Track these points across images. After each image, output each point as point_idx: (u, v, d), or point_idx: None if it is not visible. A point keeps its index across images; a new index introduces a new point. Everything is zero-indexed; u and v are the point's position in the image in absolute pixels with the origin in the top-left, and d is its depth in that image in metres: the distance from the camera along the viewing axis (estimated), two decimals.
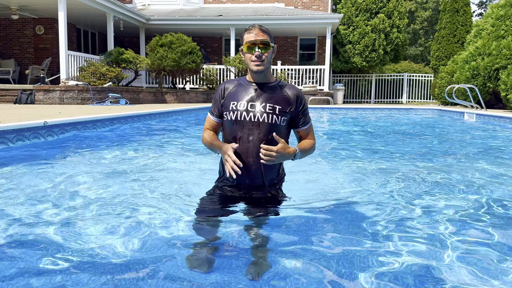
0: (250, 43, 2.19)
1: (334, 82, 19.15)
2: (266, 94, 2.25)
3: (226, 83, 2.36)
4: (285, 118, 2.25)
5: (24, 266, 1.74)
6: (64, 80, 12.13)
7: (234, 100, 2.26)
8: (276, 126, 2.22)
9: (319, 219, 2.41)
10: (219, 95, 2.35)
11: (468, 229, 2.27)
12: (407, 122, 10.34)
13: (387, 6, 17.53)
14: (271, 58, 2.25)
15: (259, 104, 2.23)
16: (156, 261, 1.82)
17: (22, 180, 3.26)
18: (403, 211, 2.60)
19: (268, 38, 2.22)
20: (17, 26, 15.72)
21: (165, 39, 14.52)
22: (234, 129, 2.25)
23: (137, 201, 2.76)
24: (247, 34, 2.22)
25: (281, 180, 2.47)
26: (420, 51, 34.37)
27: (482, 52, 12.39)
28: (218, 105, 2.35)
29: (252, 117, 2.21)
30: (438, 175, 3.75)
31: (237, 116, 2.22)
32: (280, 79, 2.41)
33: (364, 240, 2.07)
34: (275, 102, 2.23)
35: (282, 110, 2.23)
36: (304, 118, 2.34)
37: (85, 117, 6.28)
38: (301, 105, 2.31)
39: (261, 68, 2.19)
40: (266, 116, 2.21)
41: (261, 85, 2.27)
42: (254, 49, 2.18)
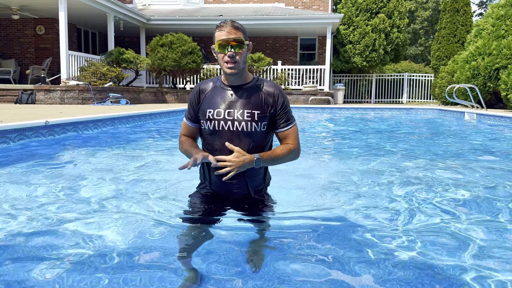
0: (222, 42, 1.98)
1: (334, 82, 19.15)
2: (243, 99, 2.06)
3: (201, 85, 2.17)
4: (265, 123, 2.08)
5: (17, 265, 1.75)
6: (64, 80, 12.15)
7: (210, 107, 2.08)
8: (256, 133, 2.07)
9: (313, 225, 2.33)
10: (194, 98, 2.16)
11: (469, 230, 2.27)
12: (408, 122, 10.35)
13: (387, 6, 17.54)
14: (246, 58, 2.05)
15: (236, 111, 2.05)
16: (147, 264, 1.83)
17: (22, 180, 3.27)
18: (403, 211, 2.61)
19: (242, 35, 2.01)
20: (18, 26, 15.73)
21: (166, 39, 14.53)
22: (213, 139, 2.10)
23: (134, 202, 2.76)
24: (218, 32, 2.01)
25: (267, 185, 2.34)
26: (420, 51, 34.37)
27: (482, 52, 12.39)
28: (194, 109, 2.17)
29: (231, 126, 2.04)
30: (438, 175, 3.75)
31: (215, 125, 2.06)
32: (259, 77, 2.23)
33: (361, 244, 2.03)
34: (253, 107, 2.05)
35: (261, 115, 2.06)
36: (284, 118, 2.13)
37: (86, 117, 6.30)
38: (281, 104, 2.11)
39: (235, 70, 2.00)
40: (245, 124, 2.03)
41: (237, 88, 2.09)
42: (227, 48, 1.98)
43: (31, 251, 1.89)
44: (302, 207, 2.63)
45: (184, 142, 2.19)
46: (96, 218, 2.36)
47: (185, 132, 2.24)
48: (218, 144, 2.08)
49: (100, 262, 1.78)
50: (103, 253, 1.87)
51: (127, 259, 1.83)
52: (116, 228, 2.21)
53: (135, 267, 1.75)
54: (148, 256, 1.87)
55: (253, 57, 14.89)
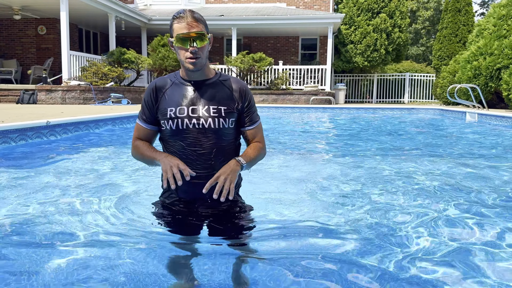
0: (183, 36, 1.79)
1: (335, 82, 19.14)
2: (207, 94, 1.90)
3: (157, 82, 1.96)
4: (233, 119, 1.94)
5: (17, 265, 1.75)
6: (66, 80, 12.16)
7: (171, 105, 1.89)
8: (224, 130, 1.91)
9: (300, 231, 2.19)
10: (150, 97, 1.94)
11: (473, 230, 2.27)
12: (409, 122, 10.33)
13: (388, 6, 17.52)
14: (208, 52, 1.89)
15: (201, 107, 1.88)
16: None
17: (24, 179, 3.27)
18: (403, 212, 2.60)
19: (203, 27, 1.83)
20: (19, 26, 15.76)
21: (167, 39, 14.52)
22: (175, 140, 1.91)
23: (132, 205, 2.76)
24: (177, 24, 1.81)
25: (239, 186, 2.15)
26: (422, 50, 34.33)
27: (484, 52, 12.37)
28: (151, 110, 1.95)
29: (196, 124, 1.87)
30: (440, 175, 3.75)
31: (178, 124, 1.87)
32: (222, 72, 2.06)
33: (354, 250, 1.95)
34: (219, 103, 1.90)
35: (228, 111, 1.91)
36: (250, 116, 2.00)
37: (87, 117, 6.30)
38: (247, 101, 1.98)
39: (197, 66, 1.84)
40: (212, 120, 1.88)
41: (199, 84, 1.92)
42: (188, 43, 1.79)
43: (29, 250, 1.89)
44: (290, 213, 2.50)
45: (141, 146, 1.97)
46: (89, 219, 2.36)
47: (140, 136, 2.01)
48: (182, 145, 1.90)
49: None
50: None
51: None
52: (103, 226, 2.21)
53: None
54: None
55: (255, 57, 14.88)
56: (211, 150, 1.89)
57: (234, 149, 2.02)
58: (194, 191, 1.92)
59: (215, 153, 1.90)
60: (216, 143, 1.90)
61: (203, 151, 1.89)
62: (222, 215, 2.01)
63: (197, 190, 1.88)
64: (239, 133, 2.04)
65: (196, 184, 1.88)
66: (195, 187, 1.89)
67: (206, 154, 1.89)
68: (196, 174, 1.85)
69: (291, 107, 13.17)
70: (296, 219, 2.40)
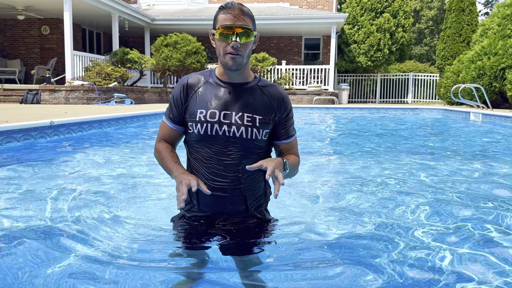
0: (226, 28, 1.61)
1: (339, 81, 19.10)
2: (243, 100, 1.70)
3: (189, 79, 1.76)
4: (267, 131, 1.74)
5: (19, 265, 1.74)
6: (69, 80, 12.18)
7: (202, 107, 1.70)
8: (256, 142, 1.72)
9: (322, 244, 2.01)
10: (180, 95, 1.75)
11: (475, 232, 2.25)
12: (413, 122, 10.30)
13: (392, 6, 17.48)
14: (250, 51, 1.70)
15: (234, 114, 1.69)
16: None
17: (27, 179, 3.27)
18: (411, 214, 2.58)
19: (251, 22, 1.65)
20: (23, 26, 15.80)
21: (170, 39, 14.54)
22: (202, 146, 1.73)
23: (130, 210, 2.76)
24: (222, 15, 1.63)
25: (267, 200, 1.94)
26: (425, 50, 34.24)
27: (488, 52, 12.32)
28: (179, 108, 1.76)
29: (227, 131, 1.68)
30: (445, 176, 3.73)
31: (207, 129, 1.68)
32: (261, 77, 1.90)
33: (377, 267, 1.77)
34: (254, 111, 1.70)
35: (263, 121, 1.71)
36: (287, 128, 1.80)
37: (91, 117, 6.31)
38: (286, 112, 1.78)
39: (237, 63, 1.64)
40: (245, 129, 1.68)
41: (236, 87, 1.72)
42: (230, 37, 1.61)
43: (31, 250, 1.89)
44: (312, 225, 2.27)
45: (163, 152, 1.79)
46: (85, 223, 2.36)
47: (164, 136, 1.83)
48: (208, 152, 1.71)
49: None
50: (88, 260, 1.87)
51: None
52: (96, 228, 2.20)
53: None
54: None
55: (257, 57, 14.88)
56: (240, 162, 1.71)
57: None
58: (217, 205, 1.75)
59: (243, 164, 1.70)
60: (246, 154, 1.71)
61: (230, 162, 1.70)
62: (247, 233, 1.81)
63: (220, 204, 1.73)
64: (271, 146, 1.84)
65: (220, 197, 1.73)
66: (219, 200, 1.73)
67: (233, 165, 1.70)
68: (221, 186, 1.71)
69: (294, 107, 13.12)
70: (304, 221, 2.38)
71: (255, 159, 1.73)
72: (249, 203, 1.79)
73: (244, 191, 1.74)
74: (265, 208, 1.93)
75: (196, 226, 1.82)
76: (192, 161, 1.78)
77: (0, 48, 15.75)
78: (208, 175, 1.71)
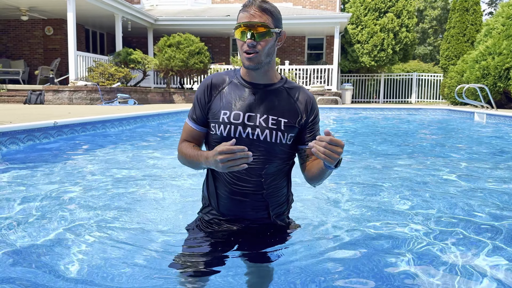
0: (242, 27, 1.56)
1: (342, 82, 19.07)
2: (268, 102, 1.65)
3: (214, 78, 1.71)
4: (292, 135, 1.67)
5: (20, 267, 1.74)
6: (73, 81, 12.20)
7: (225, 107, 1.64)
8: (281, 146, 1.65)
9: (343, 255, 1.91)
10: (204, 94, 1.70)
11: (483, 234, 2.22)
12: (416, 123, 10.26)
13: (396, 5, 17.43)
14: (272, 49, 1.61)
15: (259, 116, 1.63)
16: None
17: (31, 180, 3.27)
18: (417, 217, 2.56)
19: (270, 19, 1.58)
20: (27, 27, 15.84)
21: (173, 40, 14.55)
22: None
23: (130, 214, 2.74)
24: (241, 13, 1.60)
25: (290, 207, 1.87)
26: (429, 50, 34.14)
27: (492, 52, 12.26)
28: (202, 109, 1.71)
29: (250, 134, 1.62)
30: (450, 176, 3.70)
31: (230, 131, 1.62)
32: (288, 78, 1.87)
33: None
34: (280, 113, 1.64)
35: (288, 124, 1.65)
36: (314, 133, 1.72)
37: (94, 118, 6.31)
38: (313, 115, 1.71)
39: (254, 62, 1.57)
40: (269, 132, 1.62)
41: (262, 88, 1.66)
42: (245, 35, 1.56)
43: (33, 250, 1.88)
44: (320, 235, 2.17)
45: (185, 149, 1.70)
46: (89, 224, 2.35)
47: (188, 137, 1.76)
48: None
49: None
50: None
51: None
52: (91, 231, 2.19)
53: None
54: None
55: None
56: (263, 166, 1.63)
57: (288, 169, 1.76)
58: (238, 209, 1.67)
59: (266, 169, 1.64)
60: (269, 159, 1.64)
61: (253, 166, 1.62)
62: (268, 241, 1.74)
63: (241, 208, 1.66)
64: (295, 151, 1.74)
65: (241, 202, 1.66)
66: (240, 204, 1.66)
67: (256, 170, 1.63)
68: (243, 190, 1.64)
69: None
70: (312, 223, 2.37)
71: (278, 164, 1.67)
72: (271, 209, 1.71)
73: (267, 197, 1.67)
74: (287, 215, 1.85)
75: (215, 230, 1.75)
76: None
77: (4, 48, 15.80)
78: (230, 178, 1.64)
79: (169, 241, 2.04)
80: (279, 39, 1.65)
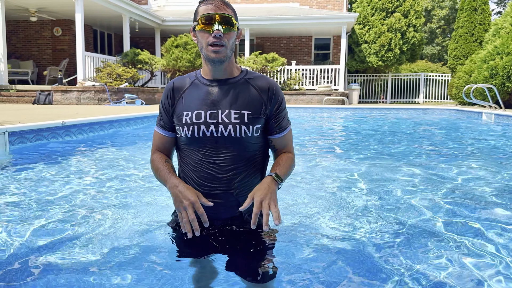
0: (207, 18, 1.52)
1: (349, 82, 19.01)
2: (230, 96, 1.59)
3: (176, 82, 1.68)
4: (258, 126, 1.60)
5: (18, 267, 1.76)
6: (81, 81, 12.30)
7: (187, 108, 1.60)
8: (248, 140, 1.59)
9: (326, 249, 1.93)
10: (167, 99, 1.67)
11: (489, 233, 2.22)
12: (425, 123, 10.20)
13: (403, 5, 17.35)
14: (234, 44, 1.59)
15: (221, 112, 1.57)
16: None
17: (39, 179, 3.30)
18: (423, 217, 2.56)
19: (233, 13, 1.57)
20: (36, 28, 15.99)
21: (180, 40, 14.61)
22: (191, 149, 1.61)
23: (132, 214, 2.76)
24: (203, 6, 1.55)
25: None
26: (437, 50, 33.93)
27: (500, 51, 12.16)
28: (168, 113, 1.67)
29: (214, 132, 1.57)
30: (458, 177, 3.69)
31: (194, 132, 1.57)
32: (248, 69, 1.73)
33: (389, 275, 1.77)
34: (242, 106, 1.59)
35: (252, 116, 1.58)
36: (280, 121, 1.66)
37: (102, 118, 6.35)
38: (277, 103, 1.64)
39: (221, 55, 1.54)
40: (233, 128, 1.56)
41: (222, 83, 1.61)
42: (213, 27, 1.51)
43: (35, 251, 1.90)
44: (316, 231, 2.20)
45: (157, 163, 1.65)
46: (98, 223, 2.37)
47: (158, 146, 1.70)
48: (198, 156, 1.60)
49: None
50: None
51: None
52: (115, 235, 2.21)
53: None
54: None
55: (267, 57, 14.87)
56: (232, 163, 1.58)
57: (260, 163, 1.68)
58: (211, 211, 1.58)
59: (236, 167, 1.58)
60: (239, 155, 1.58)
61: (222, 164, 1.57)
62: (243, 242, 1.66)
63: (212, 209, 1.57)
64: (266, 143, 1.71)
65: (215, 204, 1.58)
66: (214, 207, 1.57)
67: (225, 168, 1.57)
68: (214, 192, 1.59)
69: (303, 108, 13.11)
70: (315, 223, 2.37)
71: (249, 159, 1.60)
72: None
73: (238, 196, 1.59)
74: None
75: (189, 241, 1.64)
76: (183, 166, 1.66)
77: (13, 49, 15.95)
78: (198, 179, 1.59)
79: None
80: (237, 36, 1.61)
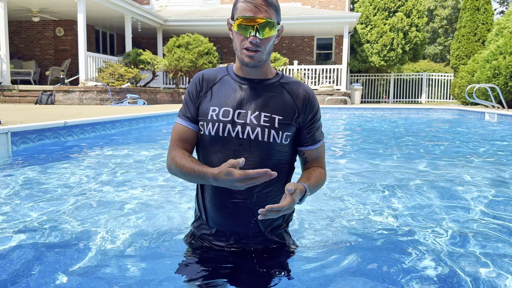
0: (245, 20, 1.38)
1: (351, 81, 18.99)
2: (261, 98, 1.48)
3: (205, 73, 1.56)
4: (289, 134, 1.49)
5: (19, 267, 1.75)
6: (83, 81, 12.31)
7: (215, 104, 1.48)
8: (275, 146, 1.47)
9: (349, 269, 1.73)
10: (195, 87, 1.54)
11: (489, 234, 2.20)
12: (427, 123, 10.18)
13: (405, 5, 17.32)
14: (271, 47, 1.47)
15: (250, 112, 1.46)
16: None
17: (41, 179, 3.30)
18: (429, 218, 2.55)
19: (275, 14, 1.41)
20: (38, 28, 16.01)
21: (182, 40, 14.61)
22: (213, 151, 1.48)
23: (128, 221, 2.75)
24: (243, 3, 1.40)
25: (288, 220, 1.67)
26: (439, 50, 33.85)
27: (503, 51, 12.12)
28: (194, 103, 1.53)
29: (240, 133, 1.44)
30: (461, 177, 3.67)
31: (219, 130, 1.45)
32: (284, 73, 1.63)
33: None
34: (273, 110, 1.47)
35: (284, 122, 1.47)
36: (313, 132, 1.55)
37: (104, 118, 6.35)
38: (312, 112, 1.53)
39: (255, 61, 1.43)
40: (261, 131, 1.44)
41: (255, 83, 1.50)
42: (249, 31, 1.38)
43: (37, 251, 1.90)
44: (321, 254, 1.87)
45: (182, 160, 1.46)
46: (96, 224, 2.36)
47: (182, 139, 1.53)
48: (218, 159, 1.46)
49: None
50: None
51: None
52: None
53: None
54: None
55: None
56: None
57: (285, 174, 1.55)
58: (226, 222, 1.48)
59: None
60: (262, 161, 1.45)
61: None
62: (264, 262, 1.54)
63: (230, 221, 1.46)
64: (294, 154, 1.58)
65: (229, 213, 1.48)
66: (227, 216, 1.48)
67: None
68: (231, 200, 1.46)
69: None
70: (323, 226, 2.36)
71: (273, 168, 1.41)
72: (262, 223, 1.53)
73: (253, 206, 1.48)
74: (285, 229, 1.66)
75: (204, 248, 1.60)
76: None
77: (16, 49, 15.98)
78: (215, 187, 1.45)
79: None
80: (278, 35, 1.50)
